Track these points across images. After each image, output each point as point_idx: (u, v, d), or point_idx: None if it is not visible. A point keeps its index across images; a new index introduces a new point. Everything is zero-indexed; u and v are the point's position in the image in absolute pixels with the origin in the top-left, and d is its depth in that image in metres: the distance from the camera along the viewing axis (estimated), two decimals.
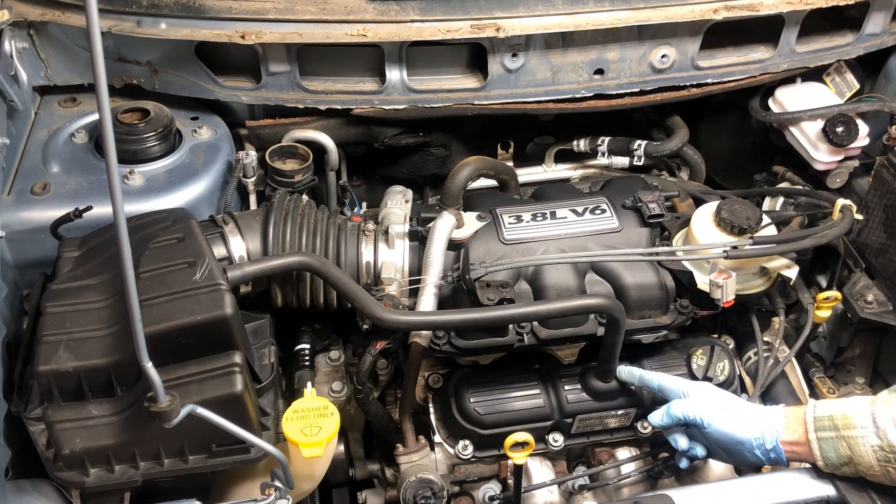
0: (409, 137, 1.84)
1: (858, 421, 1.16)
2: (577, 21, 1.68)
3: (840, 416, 1.18)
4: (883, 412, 1.14)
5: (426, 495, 1.42)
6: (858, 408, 1.17)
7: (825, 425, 1.19)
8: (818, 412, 1.21)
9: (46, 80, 1.75)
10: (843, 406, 1.20)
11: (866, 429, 1.15)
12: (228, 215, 1.50)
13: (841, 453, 1.18)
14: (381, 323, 1.32)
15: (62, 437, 1.15)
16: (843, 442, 1.17)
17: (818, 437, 1.20)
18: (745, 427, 1.28)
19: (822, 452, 1.20)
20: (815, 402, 1.25)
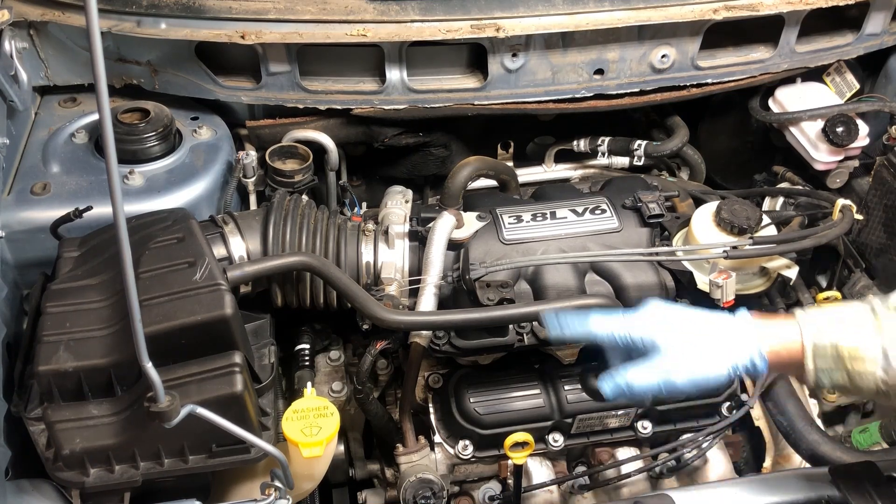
0: (409, 137, 1.84)
1: (867, 354, 1.06)
2: (577, 21, 1.68)
3: (846, 347, 1.08)
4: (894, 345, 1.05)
5: (426, 495, 1.42)
6: (866, 339, 1.07)
7: (827, 354, 1.09)
8: (819, 339, 1.10)
9: (46, 80, 1.75)
10: (848, 335, 1.08)
11: (874, 362, 1.06)
12: (228, 215, 1.50)
13: (837, 382, 1.10)
14: (381, 323, 1.32)
15: (62, 437, 1.15)
16: (845, 373, 1.08)
17: (817, 367, 1.10)
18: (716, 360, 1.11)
19: (818, 381, 1.10)
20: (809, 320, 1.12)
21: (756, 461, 1.72)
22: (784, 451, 1.63)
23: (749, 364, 1.11)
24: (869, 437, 1.78)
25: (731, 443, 1.64)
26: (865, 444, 1.77)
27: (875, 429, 1.79)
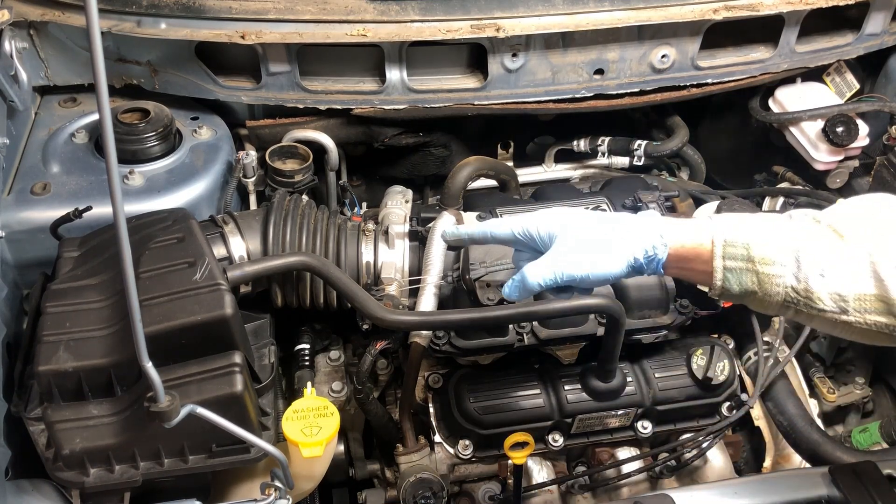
0: (409, 137, 1.84)
1: (778, 258, 1.00)
2: (577, 21, 1.68)
3: (758, 246, 1.02)
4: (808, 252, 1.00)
5: (426, 495, 1.42)
6: (780, 243, 1.01)
7: (737, 254, 1.02)
8: (730, 236, 1.03)
9: (46, 80, 1.75)
10: (762, 236, 1.02)
11: (785, 267, 1.00)
12: (228, 215, 1.50)
13: (744, 286, 1.03)
14: (381, 323, 1.32)
15: (62, 437, 1.15)
16: (753, 276, 1.02)
17: (725, 266, 1.03)
18: (615, 251, 1.06)
19: (725, 281, 1.04)
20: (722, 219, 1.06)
21: (756, 461, 1.73)
22: (784, 451, 1.63)
23: (650, 256, 1.06)
24: (869, 437, 1.78)
25: (731, 443, 1.64)
26: (865, 443, 1.78)
27: (875, 429, 1.79)
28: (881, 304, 0.96)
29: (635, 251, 1.06)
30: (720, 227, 1.05)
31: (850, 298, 0.98)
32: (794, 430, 1.54)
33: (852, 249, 0.98)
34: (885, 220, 1.00)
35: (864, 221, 1.00)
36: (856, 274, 0.97)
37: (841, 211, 1.04)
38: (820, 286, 0.98)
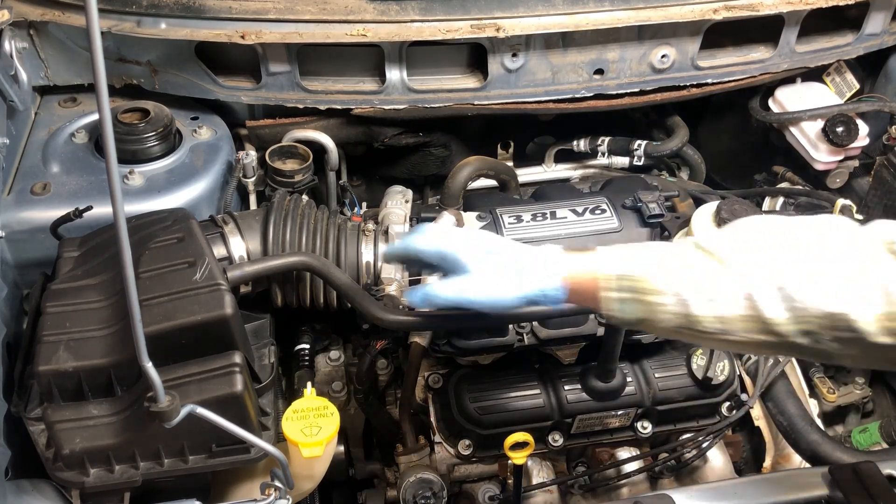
0: (409, 137, 1.84)
1: (661, 287, 1.05)
2: (577, 21, 1.68)
3: (642, 278, 1.06)
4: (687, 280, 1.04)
5: (426, 495, 1.42)
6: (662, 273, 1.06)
7: (623, 286, 1.07)
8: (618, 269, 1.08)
9: (46, 80, 1.75)
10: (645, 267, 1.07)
11: (668, 296, 1.04)
12: (228, 215, 1.50)
13: (635, 315, 1.07)
14: (381, 323, 1.32)
15: (62, 437, 1.15)
16: (641, 306, 1.06)
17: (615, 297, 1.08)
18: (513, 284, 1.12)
19: (615, 311, 1.08)
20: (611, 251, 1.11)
21: (756, 461, 1.73)
22: (784, 450, 1.63)
23: (544, 291, 1.12)
24: (869, 437, 1.78)
25: (731, 443, 1.64)
26: (865, 444, 1.78)
27: (875, 429, 1.79)
28: (760, 325, 1.00)
29: (531, 287, 1.12)
30: (609, 261, 1.10)
31: (732, 321, 1.02)
32: (794, 430, 1.54)
33: (730, 274, 1.02)
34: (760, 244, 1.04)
35: (741, 246, 1.04)
36: (734, 298, 1.01)
37: (719, 237, 1.08)
38: (702, 311, 1.03)
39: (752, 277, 1.00)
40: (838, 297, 0.95)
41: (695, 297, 1.03)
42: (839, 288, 0.95)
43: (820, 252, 0.99)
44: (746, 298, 1.00)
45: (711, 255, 1.05)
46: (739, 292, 1.01)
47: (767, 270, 1.00)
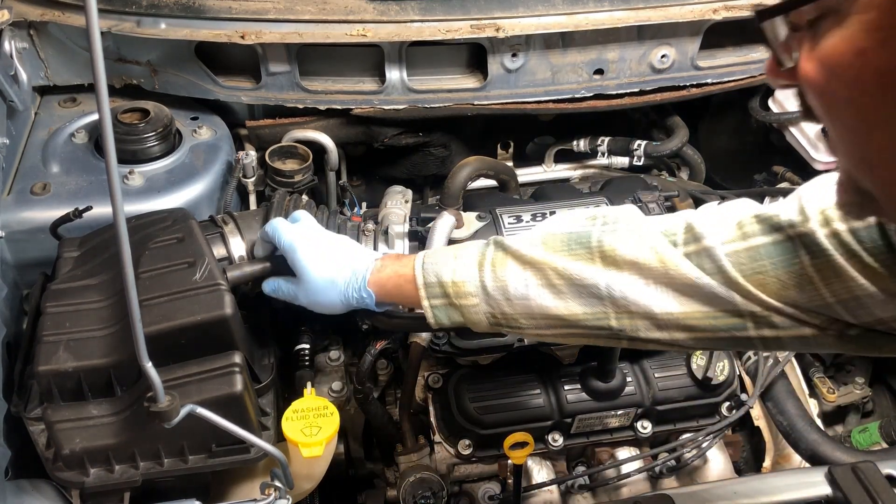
0: (409, 137, 1.84)
1: (468, 289, 1.10)
2: (576, 21, 1.68)
3: (450, 283, 1.11)
4: (490, 279, 1.09)
5: (426, 495, 1.42)
6: (467, 273, 1.10)
7: (436, 293, 1.12)
8: (427, 278, 1.13)
9: (46, 80, 1.75)
10: (452, 270, 1.12)
11: (477, 297, 1.09)
12: (228, 215, 1.50)
13: (454, 319, 1.13)
14: (382, 323, 1.32)
15: (62, 436, 1.15)
16: (456, 310, 1.11)
17: (431, 305, 1.13)
18: (333, 290, 1.22)
19: (436, 318, 1.14)
20: (423, 258, 1.16)
21: (756, 461, 1.73)
22: (784, 450, 1.63)
23: (359, 298, 1.20)
24: (869, 437, 1.78)
25: (731, 443, 1.64)
26: (865, 443, 1.78)
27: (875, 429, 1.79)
28: (563, 320, 1.05)
29: (347, 292, 1.21)
30: (420, 267, 1.15)
31: (538, 316, 1.06)
32: (794, 430, 1.55)
33: (532, 271, 1.06)
34: (557, 243, 1.08)
35: (538, 243, 1.08)
36: (536, 294, 1.06)
37: (522, 236, 1.12)
38: (510, 310, 1.07)
39: (550, 275, 1.05)
40: (636, 295, 1.01)
41: (499, 296, 1.07)
42: (636, 288, 1.01)
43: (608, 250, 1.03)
44: (546, 295, 1.05)
45: (513, 254, 1.09)
46: (538, 290, 1.05)
47: (564, 268, 1.04)
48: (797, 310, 0.95)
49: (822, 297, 0.92)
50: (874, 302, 0.89)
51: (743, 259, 0.96)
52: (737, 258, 0.96)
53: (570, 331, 1.07)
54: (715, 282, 0.97)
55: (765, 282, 0.95)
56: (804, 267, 0.92)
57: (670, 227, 1.03)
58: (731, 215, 1.00)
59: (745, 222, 0.98)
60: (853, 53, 0.59)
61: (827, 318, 0.94)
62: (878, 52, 0.57)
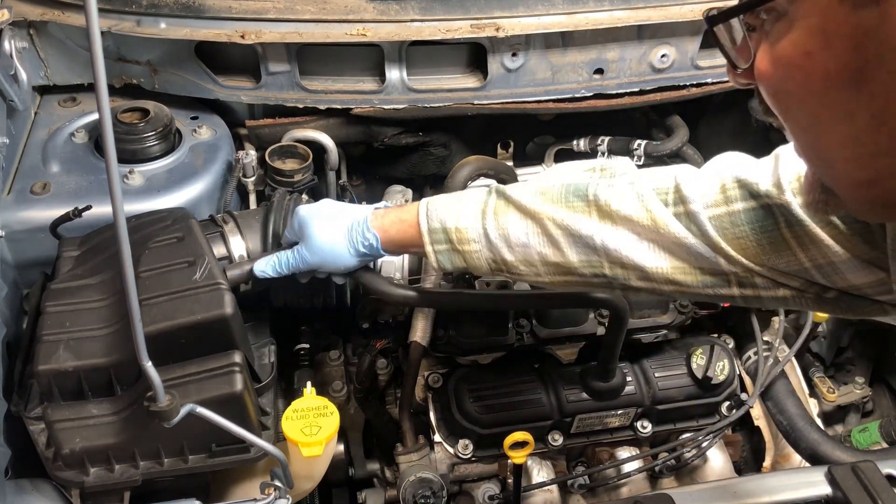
0: (409, 137, 1.84)
1: (471, 235, 1.15)
2: (576, 21, 1.68)
3: (454, 229, 1.16)
4: (493, 227, 1.13)
5: (426, 494, 1.42)
6: (471, 220, 1.15)
7: (439, 238, 1.17)
8: (432, 224, 1.18)
9: (46, 80, 1.75)
10: (456, 217, 1.16)
11: (479, 243, 1.14)
12: (228, 214, 1.50)
13: (456, 264, 1.18)
14: (389, 298, 1.32)
15: (62, 436, 1.15)
16: (458, 255, 1.16)
17: (435, 250, 1.18)
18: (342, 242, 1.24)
19: (439, 263, 1.19)
20: (427, 205, 1.20)
21: (756, 461, 1.73)
22: (784, 450, 1.63)
23: (366, 245, 1.22)
24: (868, 437, 1.78)
25: (731, 442, 1.64)
26: (865, 443, 1.78)
27: (875, 428, 1.79)
28: (561, 267, 1.10)
29: (355, 241, 1.23)
30: (425, 213, 1.19)
31: (537, 263, 1.11)
32: (794, 429, 1.55)
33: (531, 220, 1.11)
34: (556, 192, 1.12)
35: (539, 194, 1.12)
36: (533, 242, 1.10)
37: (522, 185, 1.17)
38: (510, 256, 1.12)
39: (549, 225, 1.09)
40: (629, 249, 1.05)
41: (501, 243, 1.12)
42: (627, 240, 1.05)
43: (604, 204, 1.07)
44: (545, 244, 1.10)
45: (515, 203, 1.13)
46: (538, 238, 1.10)
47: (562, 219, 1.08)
48: (776, 272, 0.99)
49: (799, 261, 0.95)
50: (848, 267, 0.92)
51: (725, 223, 1.00)
52: (719, 222, 1.00)
53: (566, 278, 1.12)
54: (700, 242, 1.01)
55: (745, 245, 0.99)
56: (782, 233, 0.96)
57: (661, 184, 1.07)
58: (717, 177, 1.04)
59: (728, 186, 1.02)
60: (801, 55, 0.61)
61: (805, 281, 0.98)
62: (822, 54, 0.59)
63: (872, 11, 0.55)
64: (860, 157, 0.63)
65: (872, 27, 0.56)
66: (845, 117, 0.61)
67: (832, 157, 0.65)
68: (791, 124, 0.68)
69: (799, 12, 0.60)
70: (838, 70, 0.59)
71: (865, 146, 0.61)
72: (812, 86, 0.61)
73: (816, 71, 0.60)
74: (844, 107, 0.60)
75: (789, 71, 0.63)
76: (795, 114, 0.66)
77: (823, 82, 0.60)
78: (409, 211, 1.22)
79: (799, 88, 0.63)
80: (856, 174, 0.64)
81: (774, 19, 0.63)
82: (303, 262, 1.27)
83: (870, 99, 0.59)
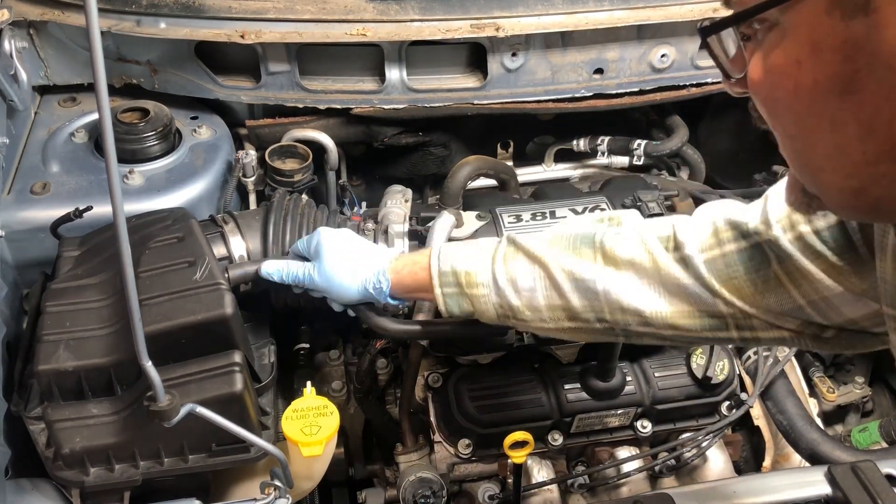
0: (409, 137, 1.84)
1: (480, 279, 1.17)
2: (576, 20, 1.68)
3: (463, 272, 1.18)
4: (501, 272, 1.15)
5: (426, 494, 1.43)
6: (481, 265, 1.17)
7: (449, 281, 1.19)
8: (442, 267, 1.20)
9: (46, 80, 1.75)
10: (467, 262, 1.19)
11: (488, 287, 1.16)
12: (228, 215, 1.50)
13: (464, 308, 1.20)
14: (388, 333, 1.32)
15: (62, 436, 1.15)
16: (466, 299, 1.18)
17: (443, 293, 1.19)
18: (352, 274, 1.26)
19: (447, 306, 1.20)
20: (439, 250, 1.22)
21: (756, 460, 1.73)
22: (784, 450, 1.63)
23: (376, 282, 1.24)
24: (868, 437, 1.79)
25: (731, 442, 1.64)
26: (865, 443, 1.78)
27: (874, 428, 1.79)
28: (566, 312, 1.12)
29: (363, 280, 1.25)
30: (436, 258, 1.21)
31: (543, 308, 1.13)
32: (794, 429, 1.55)
33: (538, 265, 1.13)
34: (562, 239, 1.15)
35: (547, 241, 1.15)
36: (541, 287, 1.13)
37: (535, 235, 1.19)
38: (517, 301, 1.14)
39: (553, 269, 1.11)
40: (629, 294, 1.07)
41: (508, 288, 1.14)
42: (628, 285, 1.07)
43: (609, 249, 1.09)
44: (550, 288, 1.11)
45: (523, 249, 1.15)
46: (544, 283, 1.12)
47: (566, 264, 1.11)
48: (772, 314, 0.99)
49: (793, 299, 0.96)
50: (842, 301, 0.92)
51: (719, 265, 1.01)
52: (714, 265, 1.02)
53: (570, 324, 1.14)
54: (697, 284, 1.02)
55: (739, 286, 1.00)
56: (774, 270, 0.97)
57: (662, 231, 1.09)
58: (709, 221, 1.05)
59: (720, 228, 1.03)
60: (791, 64, 0.62)
61: (802, 321, 0.98)
62: (812, 64, 0.60)
63: (861, 22, 0.56)
64: (848, 166, 0.63)
65: (862, 37, 0.56)
66: (834, 126, 0.61)
67: (820, 165, 0.66)
68: (780, 132, 0.69)
69: (790, 22, 0.61)
70: (828, 79, 0.59)
71: (853, 155, 0.62)
72: (801, 94, 0.62)
73: (806, 80, 0.61)
74: (833, 116, 0.61)
75: (780, 79, 0.64)
76: (784, 121, 0.67)
77: (813, 91, 0.61)
78: (422, 254, 1.25)
79: (788, 96, 0.64)
80: (843, 182, 0.65)
81: (767, 29, 0.64)
82: (309, 282, 1.28)
83: (858, 108, 0.59)
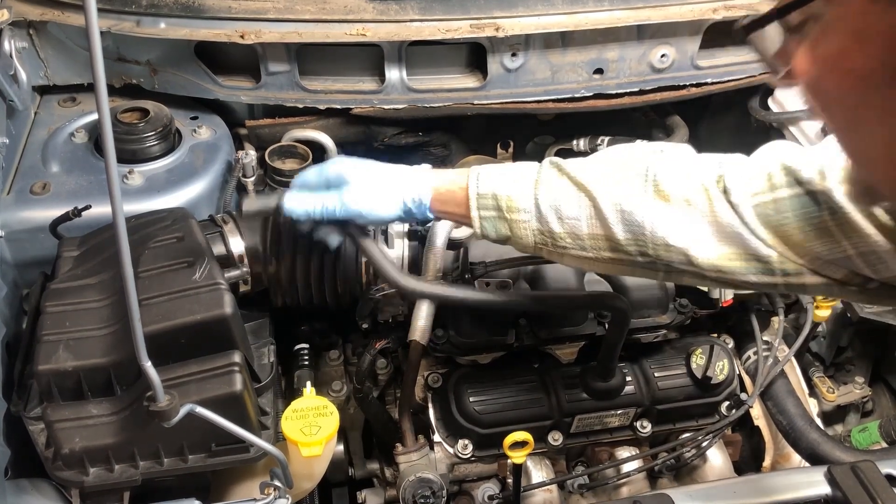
0: (409, 137, 1.84)
1: (522, 205, 1.14)
2: (576, 21, 1.68)
3: (504, 197, 1.15)
4: (545, 198, 1.13)
5: (425, 494, 1.42)
6: (523, 191, 1.14)
7: (488, 204, 1.16)
8: (482, 189, 1.17)
9: (46, 80, 1.75)
10: (507, 186, 1.16)
11: (529, 213, 1.14)
12: (228, 215, 1.50)
13: (501, 232, 1.17)
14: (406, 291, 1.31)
15: (62, 436, 1.15)
16: (505, 223, 1.16)
17: (480, 216, 1.17)
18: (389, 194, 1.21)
19: (483, 229, 1.18)
20: (479, 171, 1.19)
21: (755, 461, 1.73)
22: (783, 450, 1.63)
23: (415, 201, 1.20)
24: (868, 437, 1.79)
25: (731, 442, 1.64)
26: (865, 443, 1.78)
27: (874, 428, 1.79)
28: (608, 243, 1.10)
29: (402, 197, 1.20)
30: (475, 179, 1.18)
31: (585, 237, 1.12)
32: (794, 429, 1.55)
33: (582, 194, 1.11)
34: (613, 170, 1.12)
35: (596, 170, 1.13)
36: (584, 216, 1.11)
37: (578, 160, 1.16)
38: (558, 228, 1.12)
39: (601, 199, 1.09)
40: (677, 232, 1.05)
41: (551, 215, 1.12)
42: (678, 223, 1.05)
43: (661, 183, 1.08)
44: (597, 218, 1.10)
45: (569, 175, 1.13)
46: (589, 212, 1.10)
47: (614, 194, 1.09)
48: (819, 262, 0.99)
49: (843, 248, 0.95)
50: (892, 258, 0.92)
51: (770, 210, 1.00)
52: (764, 209, 1.01)
53: (610, 254, 1.11)
54: (745, 229, 1.02)
55: (788, 233, 0.99)
56: (824, 220, 0.96)
57: (712, 171, 1.09)
58: (763, 165, 1.05)
59: (773, 173, 1.02)
60: (838, 55, 0.61)
61: (849, 271, 0.97)
62: (859, 54, 0.59)
63: None
64: None
65: None
66: (884, 116, 0.60)
67: (873, 156, 0.65)
68: (832, 124, 0.68)
69: (835, 13, 0.60)
70: (875, 69, 0.58)
71: None
72: (850, 85, 0.61)
73: (854, 70, 0.60)
74: (883, 106, 0.60)
75: (827, 71, 0.63)
76: (835, 114, 0.66)
77: (861, 81, 0.60)
78: (462, 173, 1.20)
79: (837, 88, 0.63)
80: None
81: (812, 21, 0.63)
82: (342, 208, 1.20)
83: None
